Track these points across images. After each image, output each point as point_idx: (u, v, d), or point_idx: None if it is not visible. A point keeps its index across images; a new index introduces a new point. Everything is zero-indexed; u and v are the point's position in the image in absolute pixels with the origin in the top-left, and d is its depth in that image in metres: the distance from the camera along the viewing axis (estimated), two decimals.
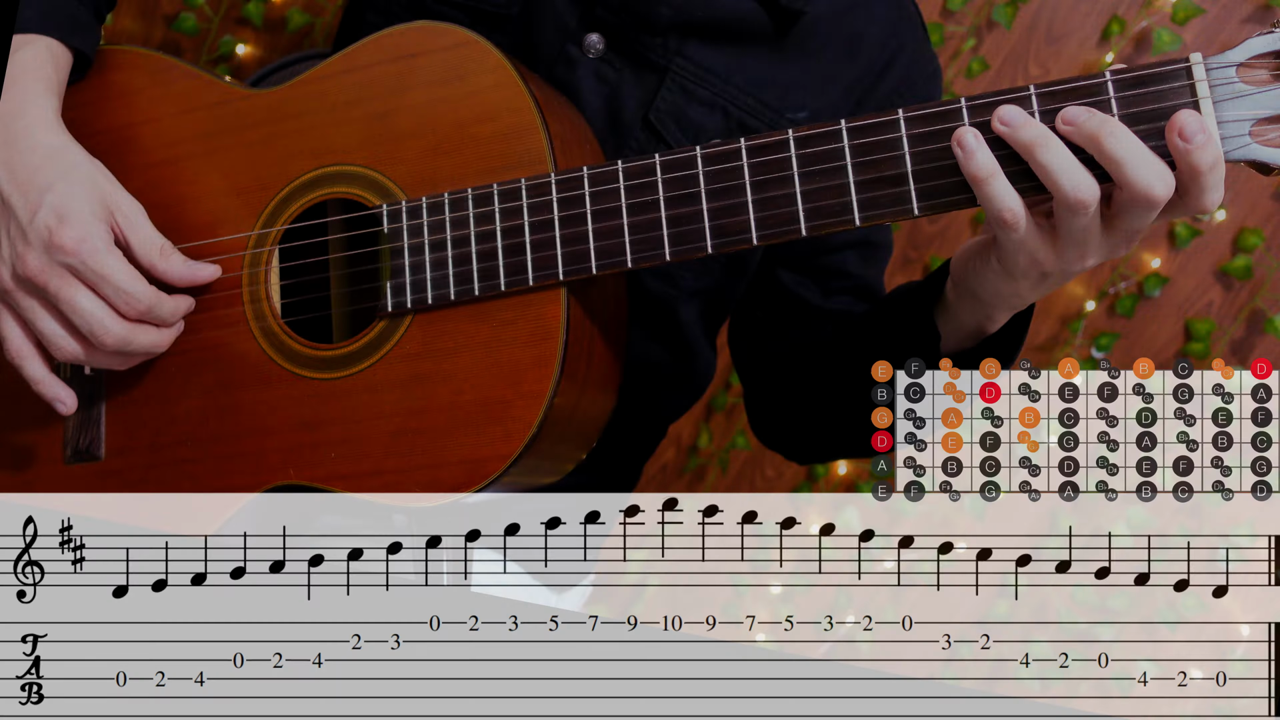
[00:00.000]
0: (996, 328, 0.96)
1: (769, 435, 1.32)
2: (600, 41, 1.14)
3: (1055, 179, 0.82)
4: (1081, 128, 0.83)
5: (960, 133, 0.85)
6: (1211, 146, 0.80)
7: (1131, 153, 0.81)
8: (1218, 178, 0.82)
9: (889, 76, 1.20)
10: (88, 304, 0.99)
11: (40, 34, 1.07)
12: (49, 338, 1.01)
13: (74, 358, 1.02)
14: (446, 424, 0.98)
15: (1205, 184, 0.82)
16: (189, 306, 1.06)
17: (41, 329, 1.01)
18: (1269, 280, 2.15)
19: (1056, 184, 0.82)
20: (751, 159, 0.92)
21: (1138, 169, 0.81)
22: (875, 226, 1.22)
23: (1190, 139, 0.80)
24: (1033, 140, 0.83)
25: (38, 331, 1.02)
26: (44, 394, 1.04)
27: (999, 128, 0.84)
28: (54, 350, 1.02)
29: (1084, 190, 0.82)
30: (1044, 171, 0.82)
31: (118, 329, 1.00)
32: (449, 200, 0.99)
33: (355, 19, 1.26)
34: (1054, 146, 0.82)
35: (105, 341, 1.00)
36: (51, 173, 1.01)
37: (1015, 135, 0.83)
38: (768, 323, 1.27)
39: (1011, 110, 0.84)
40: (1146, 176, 0.81)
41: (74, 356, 1.02)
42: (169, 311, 1.03)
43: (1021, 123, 0.83)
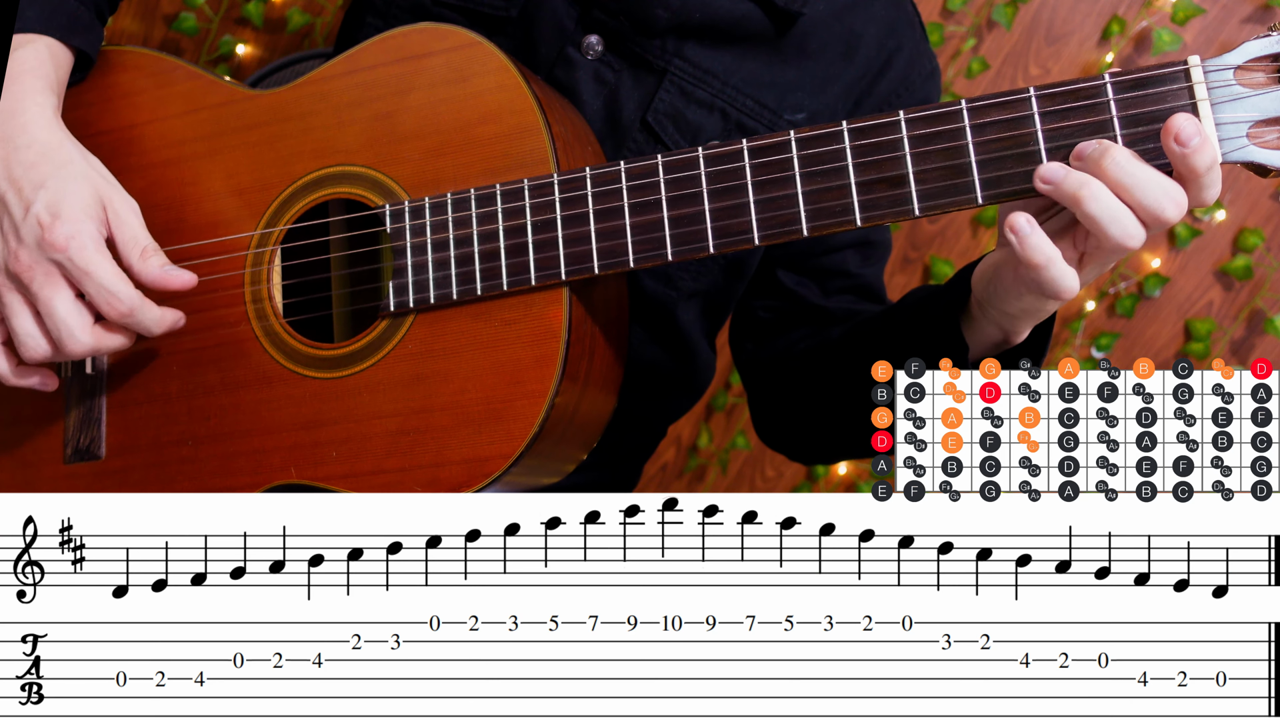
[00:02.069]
0: (1021, 339, 0.96)
1: (772, 435, 1.32)
2: (599, 43, 1.14)
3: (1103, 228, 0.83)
4: (1060, 187, 0.83)
5: (1013, 219, 0.85)
6: (1208, 148, 0.81)
7: (1140, 178, 0.82)
8: (1214, 177, 0.82)
9: (887, 77, 1.20)
10: (63, 310, 0.99)
11: (41, 34, 1.07)
12: (20, 336, 1.01)
13: (42, 358, 1.02)
14: (448, 423, 0.98)
15: (1203, 184, 0.82)
16: (176, 321, 1.04)
17: (14, 326, 1.01)
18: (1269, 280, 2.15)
19: (1106, 234, 0.83)
20: (753, 160, 0.92)
21: (1148, 193, 0.82)
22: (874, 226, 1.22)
23: (1186, 143, 0.80)
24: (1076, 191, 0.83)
25: (11, 329, 1.02)
26: (20, 384, 1.05)
27: (1041, 186, 0.84)
28: (22, 350, 1.02)
29: (1133, 238, 0.83)
30: (1091, 221, 0.83)
31: (86, 339, 1.00)
32: (452, 200, 1.00)
33: (355, 21, 1.26)
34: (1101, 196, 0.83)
35: (72, 350, 1.00)
36: (46, 169, 1.01)
37: (1059, 191, 0.84)
38: (769, 323, 1.27)
39: (1052, 168, 0.84)
40: (1158, 199, 0.82)
41: (42, 358, 1.01)
42: (152, 320, 1.02)
43: (1062, 177, 0.84)
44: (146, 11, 2.09)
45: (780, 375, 1.25)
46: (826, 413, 1.20)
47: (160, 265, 1.02)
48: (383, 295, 1.01)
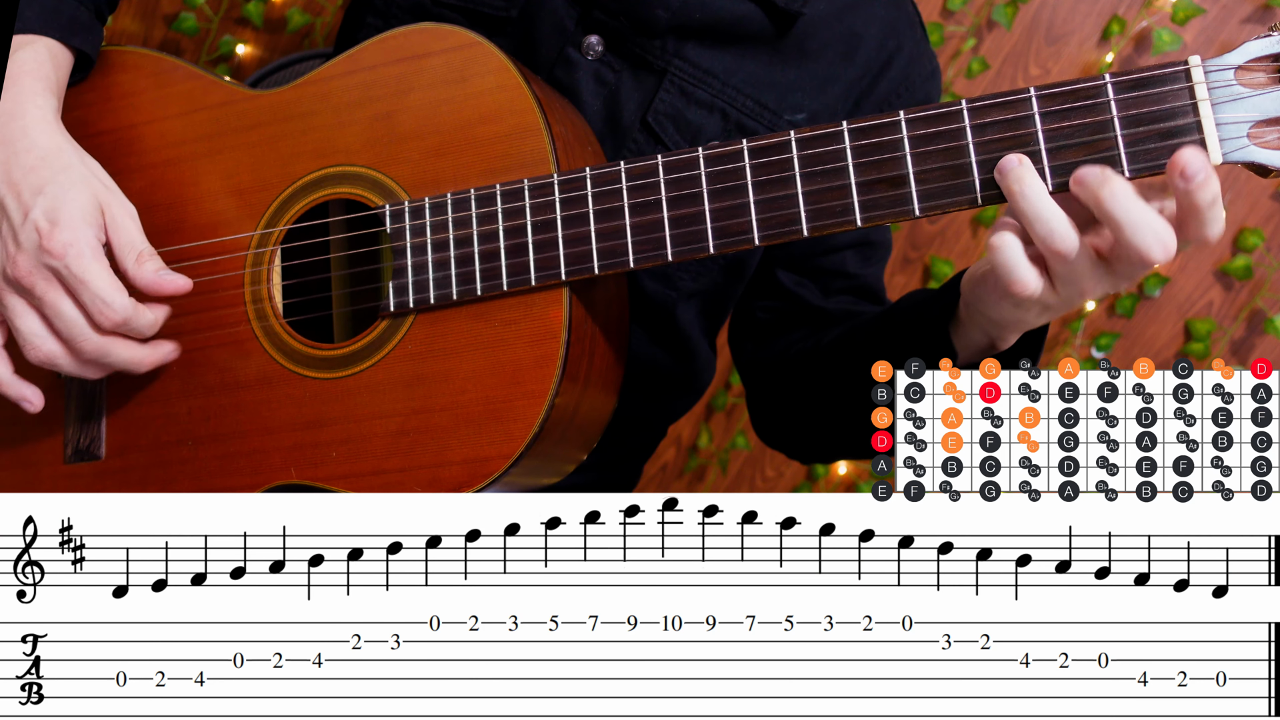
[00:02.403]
0: (1007, 346, 0.97)
1: (771, 434, 1.32)
2: (599, 44, 1.14)
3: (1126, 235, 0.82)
4: (1087, 187, 0.83)
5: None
6: (1212, 183, 0.80)
7: (1133, 216, 0.81)
8: (1217, 213, 0.82)
9: (887, 77, 1.20)
10: (70, 310, 0.99)
11: (41, 35, 1.07)
12: (26, 336, 1.00)
13: (48, 360, 1.01)
14: (448, 423, 0.98)
15: (1205, 219, 0.81)
16: (164, 315, 1.03)
17: (20, 327, 1.00)
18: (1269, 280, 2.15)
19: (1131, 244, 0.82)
20: (753, 160, 0.92)
21: (1137, 232, 0.81)
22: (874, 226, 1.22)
23: (1191, 179, 0.79)
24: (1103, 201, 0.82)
25: (16, 330, 1.01)
26: (8, 394, 1.04)
27: (1075, 189, 0.84)
28: (29, 350, 1.00)
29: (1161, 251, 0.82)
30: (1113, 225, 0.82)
31: (96, 338, 0.99)
32: (452, 200, 1.00)
33: (355, 21, 1.26)
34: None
35: (83, 348, 0.99)
36: (45, 174, 1.00)
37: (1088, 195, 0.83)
38: (768, 324, 1.27)
39: (1089, 171, 0.83)
40: (1145, 240, 0.81)
41: (49, 358, 1.00)
42: (146, 324, 1.02)
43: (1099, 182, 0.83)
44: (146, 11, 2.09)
45: (777, 376, 1.26)
46: (821, 414, 1.20)
47: (155, 270, 1.02)
48: (383, 295, 1.01)
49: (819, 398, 1.19)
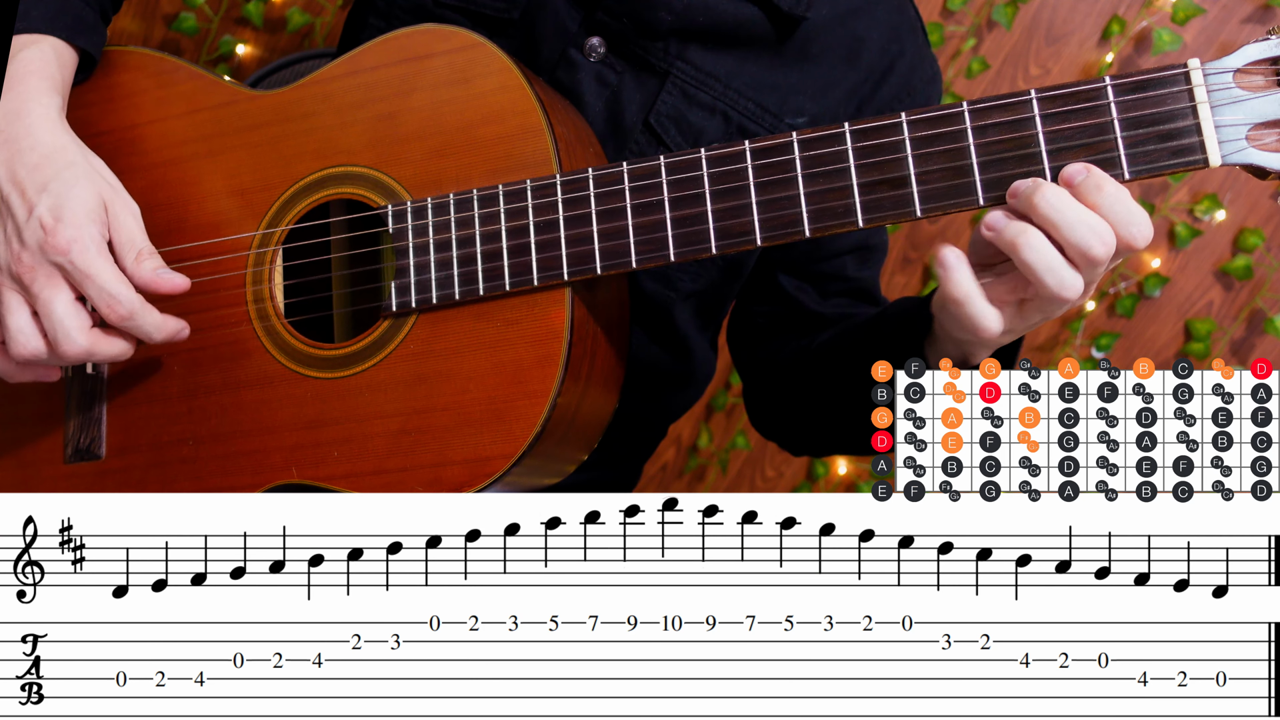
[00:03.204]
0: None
1: (766, 427, 1.34)
2: (601, 45, 1.14)
3: (1040, 278, 0.85)
4: (1001, 235, 0.85)
5: (942, 252, 0.88)
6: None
7: (1069, 216, 0.83)
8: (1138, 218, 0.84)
9: (889, 82, 1.20)
10: (61, 310, 0.99)
11: (46, 34, 1.07)
12: (11, 332, 1.00)
13: (32, 357, 1.01)
14: (450, 423, 0.98)
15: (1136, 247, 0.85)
16: (178, 331, 1.03)
17: (8, 322, 1.01)
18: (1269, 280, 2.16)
19: (1041, 283, 0.85)
20: (756, 161, 0.92)
21: (1074, 230, 0.83)
22: (872, 230, 1.23)
23: (1072, 180, 0.84)
24: (1014, 240, 0.85)
25: (4, 324, 1.01)
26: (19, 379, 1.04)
27: (985, 233, 0.87)
28: (13, 345, 1.01)
29: (1069, 290, 0.85)
30: (1027, 269, 0.85)
31: (82, 341, 0.99)
32: (454, 201, 1.00)
33: (358, 22, 1.26)
34: (1038, 245, 0.84)
35: (68, 351, 0.99)
36: (50, 171, 1.01)
37: (1000, 239, 0.86)
38: (765, 328, 1.28)
39: (995, 216, 0.87)
40: (1084, 238, 0.83)
41: (33, 354, 1.00)
42: (152, 325, 1.02)
43: (1003, 225, 0.86)
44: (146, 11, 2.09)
45: (771, 375, 1.27)
46: (812, 412, 1.22)
47: (153, 268, 1.02)
48: (384, 295, 1.01)
49: (809, 397, 1.20)
